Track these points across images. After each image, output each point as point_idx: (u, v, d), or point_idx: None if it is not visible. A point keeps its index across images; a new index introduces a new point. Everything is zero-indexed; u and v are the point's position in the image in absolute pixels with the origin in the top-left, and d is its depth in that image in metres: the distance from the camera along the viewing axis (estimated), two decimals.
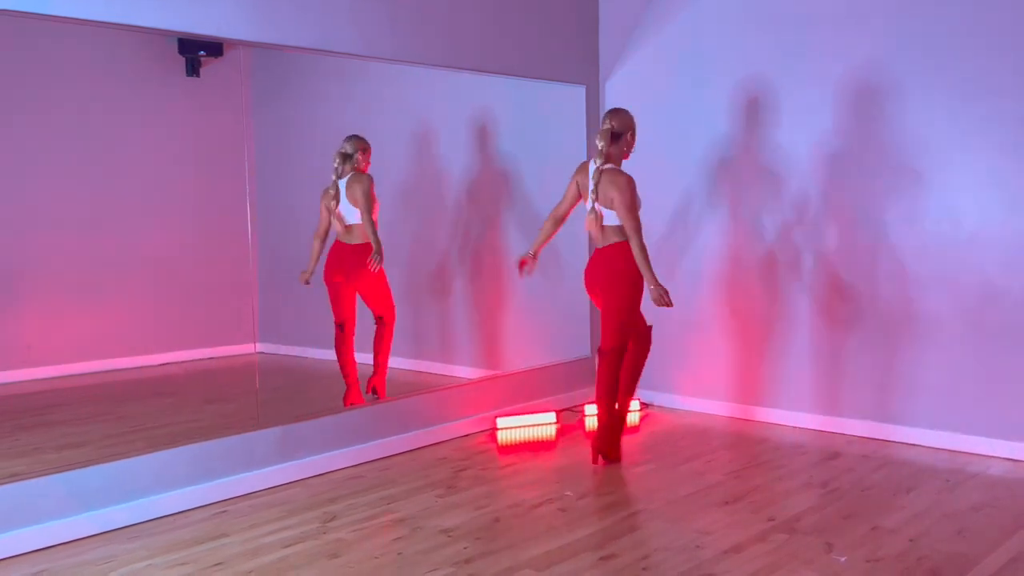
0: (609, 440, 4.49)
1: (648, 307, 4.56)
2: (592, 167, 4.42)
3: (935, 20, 4.55)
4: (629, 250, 4.34)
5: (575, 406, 5.66)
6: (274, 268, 5.13)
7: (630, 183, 4.36)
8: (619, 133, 4.41)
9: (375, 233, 4.90)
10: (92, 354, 4.79)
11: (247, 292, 4.50)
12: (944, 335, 4.62)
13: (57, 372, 4.66)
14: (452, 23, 4.94)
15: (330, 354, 5.02)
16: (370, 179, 4.93)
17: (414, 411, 4.89)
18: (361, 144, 4.96)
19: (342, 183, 4.93)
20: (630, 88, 5.75)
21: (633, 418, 5.39)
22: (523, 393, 5.48)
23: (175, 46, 4.66)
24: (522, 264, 4.66)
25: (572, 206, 4.63)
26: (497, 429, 5.16)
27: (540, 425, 5.22)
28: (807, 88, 4.99)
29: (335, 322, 4.99)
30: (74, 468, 3.64)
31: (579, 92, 5.77)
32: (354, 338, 5.02)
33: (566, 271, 5.88)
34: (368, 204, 4.89)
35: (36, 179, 4.57)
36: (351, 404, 4.86)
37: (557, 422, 5.28)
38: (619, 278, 4.37)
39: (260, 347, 4.70)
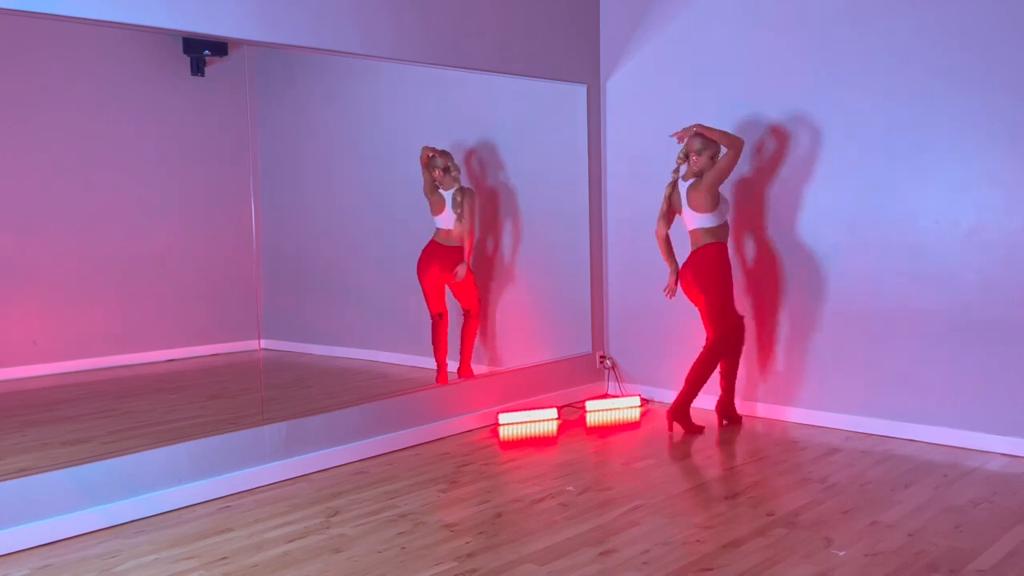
0: (683, 412, 4.98)
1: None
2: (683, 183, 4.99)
3: (933, 18, 4.57)
4: (717, 250, 4.89)
5: (576, 402, 5.69)
6: (278, 265, 5.16)
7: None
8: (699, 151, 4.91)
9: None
10: (98, 350, 4.83)
11: (252, 289, 4.53)
12: (943, 331, 4.64)
13: (63, 368, 4.69)
14: (454, 23, 4.96)
15: (332, 351, 5.05)
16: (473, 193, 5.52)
17: (417, 407, 4.92)
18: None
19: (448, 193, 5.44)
20: (631, 87, 5.77)
21: (634, 414, 5.43)
22: (525, 389, 5.51)
23: (180, 45, 4.69)
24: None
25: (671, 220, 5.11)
26: (499, 425, 5.19)
27: (542, 421, 5.25)
28: (807, 87, 5.01)
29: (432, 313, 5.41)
30: (80, 463, 3.68)
31: (580, 91, 5.79)
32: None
33: (568, 269, 5.91)
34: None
35: (41, 177, 4.60)
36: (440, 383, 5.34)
37: (558, 418, 5.31)
38: (710, 276, 4.88)
39: (264, 343, 4.74)
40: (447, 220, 5.44)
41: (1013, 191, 4.41)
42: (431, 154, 5.40)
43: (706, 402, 5.38)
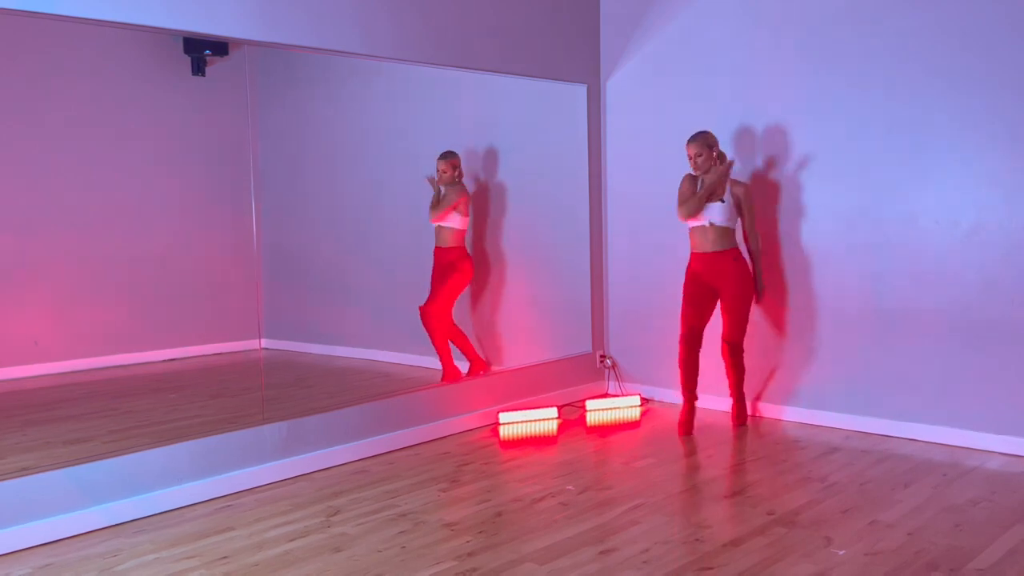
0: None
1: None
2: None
3: (933, 18, 4.58)
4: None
5: (577, 401, 5.69)
6: (279, 265, 5.16)
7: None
8: None
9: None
10: (99, 350, 4.83)
11: (252, 288, 4.54)
12: (942, 331, 4.65)
13: (65, 367, 4.70)
14: (455, 23, 4.97)
15: (332, 350, 5.06)
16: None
17: (417, 406, 4.93)
18: None
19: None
20: (631, 87, 5.78)
21: (634, 413, 5.44)
22: (525, 389, 5.52)
23: (180, 45, 4.70)
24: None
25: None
26: (499, 424, 5.19)
27: (542, 420, 5.26)
28: (806, 87, 5.02)
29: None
30: (81, 462, 3.68)
31: (580, 91, 5.79)
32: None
33: (568, 269, 5.91)
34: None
35: (43, 177, 4.61)
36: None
37: (558, 417, 5.32)
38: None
39: (265, 343, 4.75)
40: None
41: (1013, 191, 4.41)
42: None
43: (715, 403, 5.39)
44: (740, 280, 4.96)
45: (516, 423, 5.21)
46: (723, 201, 4.92)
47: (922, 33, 4.62)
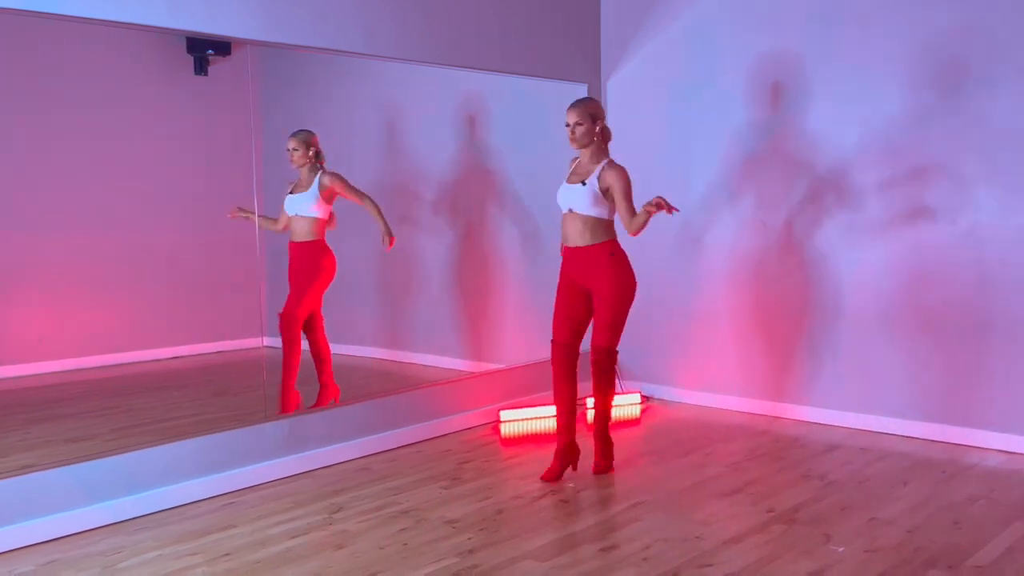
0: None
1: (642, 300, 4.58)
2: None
3: (932, 17, 4.59)
4: None
5: (578, 399, 5.68)
6: (281, 263, 5.17)
7: None
8: None
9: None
10: (102, 348, 4.84)
11: (255, 287, 4.55)
12: (941, 329, 4.66)
13: (67, 366, 4.71)
14: (456, 22, 4.98)
15: (334, 348, 5.06)
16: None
17: (419, 404, 4.95)
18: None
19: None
20: (632, 86, 5.79)
21: (634, 411, 5.44)
22: (526, 387, 5.53)
23: (183, 45, 4.70)
24: None
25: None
26: (500, 422, 5.20)
27: (542, 418, 5.27)
28: (806, 87, 5.03)
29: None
30: (83, 460, 3.69)
31: (581, 91, 5.79)
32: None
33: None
34: None
35: (46, 176, 4.62)
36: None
37: None
38: None
39: (267, 341, 4.76)
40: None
41: (1011, 190, 4.42)
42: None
43: (714, 401, 5.41)
44: (616, 278, 4.14)
45: (517, 421, 5.22)
46: (583, 184, 4.15)
47: (921, 33, 4.63)
